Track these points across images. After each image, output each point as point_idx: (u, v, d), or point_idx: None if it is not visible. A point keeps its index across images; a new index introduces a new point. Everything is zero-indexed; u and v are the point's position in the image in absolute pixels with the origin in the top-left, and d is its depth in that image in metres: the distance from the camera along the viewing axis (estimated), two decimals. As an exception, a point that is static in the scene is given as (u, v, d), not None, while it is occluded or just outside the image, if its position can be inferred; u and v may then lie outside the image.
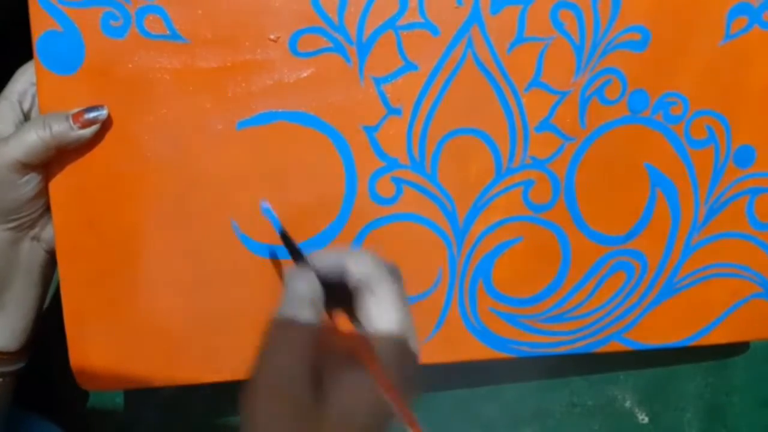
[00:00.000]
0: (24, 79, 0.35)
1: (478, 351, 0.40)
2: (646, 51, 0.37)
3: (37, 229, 0.36)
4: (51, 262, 0.37)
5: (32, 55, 0.33)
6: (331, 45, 0.34)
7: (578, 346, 0.41)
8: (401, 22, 0.35)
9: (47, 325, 0.38)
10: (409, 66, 0.35)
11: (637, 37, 0.37)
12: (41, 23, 0.32)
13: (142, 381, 0.37)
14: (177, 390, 0.45)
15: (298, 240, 0.33)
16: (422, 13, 0.35)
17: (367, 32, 0.34)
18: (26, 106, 0.35)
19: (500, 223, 0.38)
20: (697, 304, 0.42)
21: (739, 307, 0.43)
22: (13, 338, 0.36)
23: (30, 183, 0.33)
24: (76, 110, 0.33)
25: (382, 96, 0.35)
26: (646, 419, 0.51)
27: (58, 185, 0.34)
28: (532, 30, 0.36)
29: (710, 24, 0.38)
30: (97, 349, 0.36)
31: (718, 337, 0.43)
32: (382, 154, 0.36)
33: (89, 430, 0.45)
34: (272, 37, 0.34)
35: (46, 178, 0.34)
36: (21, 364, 0.37)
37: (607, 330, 0.41)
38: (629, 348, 0.42)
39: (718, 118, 0.39)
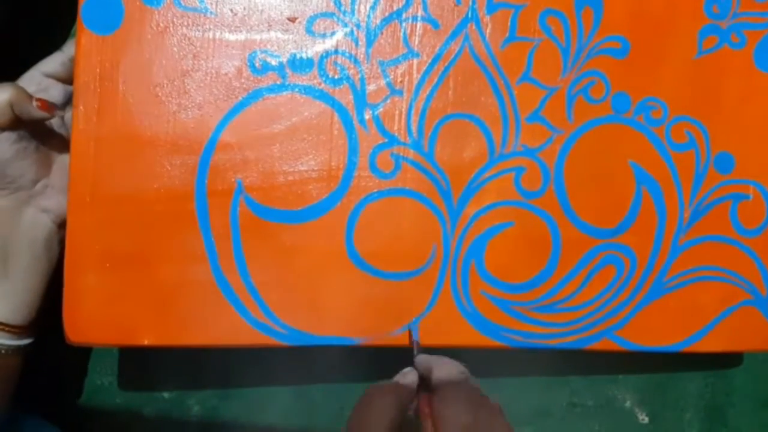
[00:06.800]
0: (33, 75, 0.37)
1: (468, 336, 0.40)
2: (626, 58, 0.41)
3: (40, 199, 0.37)
4: (58, 235, 0.38)
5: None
6: (342, 29, 0.38)
7: (570, 341, 0.41)
8: (406, 14, 0.39)
9: (46, 326, 0.38)
10: (412, 53, 0.39)
11: (618, 45, 0.41)
12: (89, -10, 0.36)
13: (130, 337, 0.37)
14: (177, 390, 0.45)
15: (304, 204, 0.38)
16: (425, 8, 0.39)
17: (375, 21, 0.39)
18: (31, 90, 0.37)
19: (492, 206, 0.40)
20: (688, 306, 0.42)
21: (730, 313, 0.43)
22: (16, 310, 0.36)
23: (4, 141, 0.34)
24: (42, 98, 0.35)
25: (386, 77, 0.39)
26: (647, 419, 0.50)
27: (79, 133, 0.36)
28: (522, 31, 0.40)
29: (684, 40, 0.42)
30: (90, 300, 0.37)
31: (710, 344, 0.43)
32: (383, 131, 0.39)
33: (89, 430, 0.44)
34: (291, 17, 0.38)
35: (32, 142, 0.36)
36: (27, 341, 0.37)
37: (599, 326, 0.41)
38: (621, 347, 0.42)
39: (696, 125, 0.42)
